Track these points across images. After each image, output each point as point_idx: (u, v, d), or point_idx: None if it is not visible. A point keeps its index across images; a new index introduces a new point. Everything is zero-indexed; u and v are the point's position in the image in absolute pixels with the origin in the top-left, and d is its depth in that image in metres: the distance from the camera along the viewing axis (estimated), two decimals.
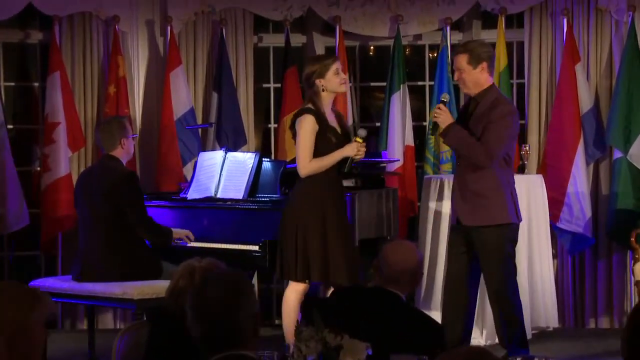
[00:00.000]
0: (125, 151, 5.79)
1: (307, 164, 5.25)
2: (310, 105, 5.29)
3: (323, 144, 5.27)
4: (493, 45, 7.06)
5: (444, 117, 5.38)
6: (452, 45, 7.18)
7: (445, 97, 5.51)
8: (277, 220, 5.46)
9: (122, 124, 5.87)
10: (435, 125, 5.43)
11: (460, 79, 5.41)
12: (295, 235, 5.29)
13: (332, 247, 5.28)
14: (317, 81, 5.26)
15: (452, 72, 5.60)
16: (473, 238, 5.42)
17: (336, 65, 5.31)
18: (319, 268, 5.29)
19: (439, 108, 5.40)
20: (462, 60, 5.37)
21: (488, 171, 5.33)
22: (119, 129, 5.78)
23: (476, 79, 5.37)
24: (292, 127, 5.37)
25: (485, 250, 5.38)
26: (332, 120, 5.35)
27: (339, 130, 5.37)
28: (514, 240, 5.43)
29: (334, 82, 5.29)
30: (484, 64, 5.36)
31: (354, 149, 5.28)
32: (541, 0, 7.10)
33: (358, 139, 5.32)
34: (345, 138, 5.38)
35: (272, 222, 5.55)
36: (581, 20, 7.07)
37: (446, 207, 6.25)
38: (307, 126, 5.23)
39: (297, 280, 5.33)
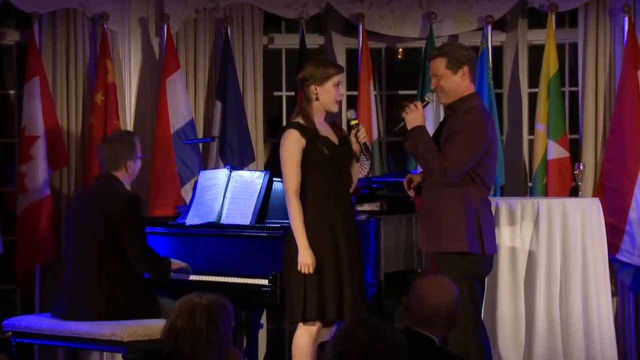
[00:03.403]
0: (129, 174, 5.84)
1: (290, 195, 5.25)
2: (298, 120, 5.32)
3: (315, 156, 5.27)
4: (542, 47, 7.25)
5: (414, 115, 5.31)
6: (494, 47, 7.29)
7: (429, 97, 5.47)
8: None
9: (132, 143, 5.89)
10: (403, 123, 5.37)
11: (439, 87, 5.35)
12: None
13: (347, 279, 5.27)
14: (312, 87, 5.30)
15: (430, 79, 5.54)
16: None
17: (339, 78, 5.34)
18: (335, 304, 5.25)
19: (414, 105, 5.35)
20: (440, 64, 5.32)
21: (451, 190, 5.21)
22: (127, 149, 5.81)
23: (456, 86, 5.32)
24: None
25: None
26: (325, 130, 5.37)
27: (333, 139, 5.37)
28: (473, 274, 5.27)
29: (330, 95, 5.29)
30: (465, 69, 5.31)
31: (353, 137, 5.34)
32: None
33: (352, 122, 5.36)
34: (342, 147, 5.37)
35: (283, 253, 5.52)
36: None
37: None
38: (289, 145, 5.26)
39: (307, 320, 5.28)
